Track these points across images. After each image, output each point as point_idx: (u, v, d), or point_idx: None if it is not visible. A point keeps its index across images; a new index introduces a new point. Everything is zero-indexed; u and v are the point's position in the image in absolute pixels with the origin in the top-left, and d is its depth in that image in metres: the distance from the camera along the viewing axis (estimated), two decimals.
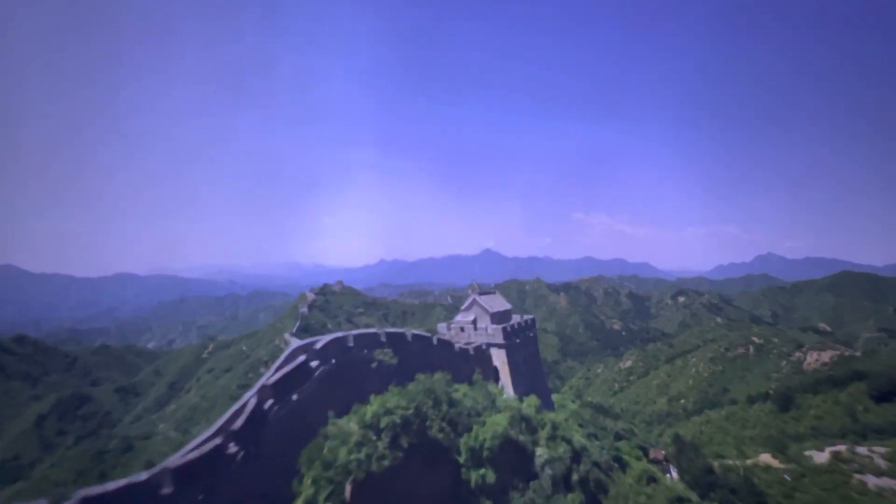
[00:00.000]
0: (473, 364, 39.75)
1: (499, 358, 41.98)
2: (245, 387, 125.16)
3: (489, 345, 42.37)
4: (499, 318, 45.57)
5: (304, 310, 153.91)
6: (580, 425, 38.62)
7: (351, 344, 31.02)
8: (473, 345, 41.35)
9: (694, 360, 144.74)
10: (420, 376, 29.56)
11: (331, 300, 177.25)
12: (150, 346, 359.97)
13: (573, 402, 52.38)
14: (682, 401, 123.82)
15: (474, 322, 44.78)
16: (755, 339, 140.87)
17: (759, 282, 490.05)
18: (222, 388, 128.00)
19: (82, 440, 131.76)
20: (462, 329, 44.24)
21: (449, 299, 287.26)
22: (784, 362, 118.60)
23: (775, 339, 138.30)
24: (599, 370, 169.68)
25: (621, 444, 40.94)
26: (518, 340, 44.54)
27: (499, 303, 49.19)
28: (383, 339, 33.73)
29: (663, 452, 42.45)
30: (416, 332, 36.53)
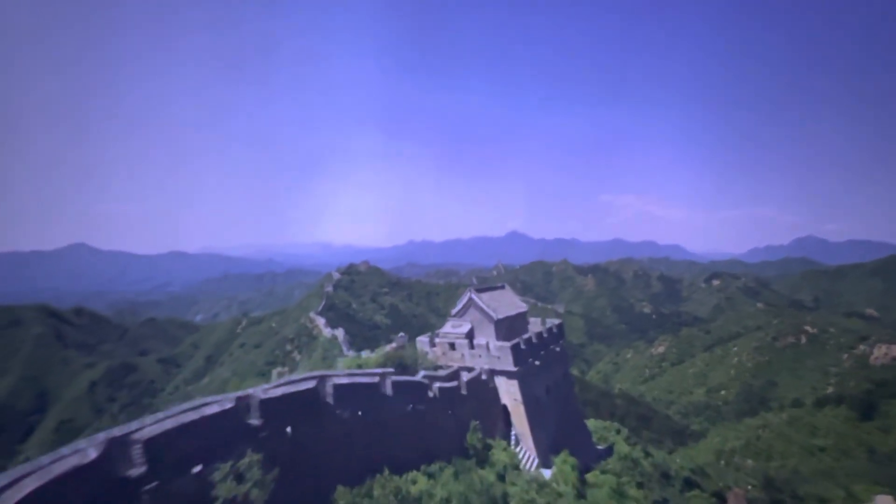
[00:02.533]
0: (467, 412, 24.15)
1: (509, 393, 27.08)
2: (272, 363, 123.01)
3: (493, 372, 27.29)
4: (508, 326, 29.70)
5: (330, 289, 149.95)
6: (639, 485, 26.97)
7: (136, 470, 11.10)
8: (468, 377, 25.57)
9: (736, 348, 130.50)
10: (344, 494, 14.95)
11: (356, 280, 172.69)
12: (198, 318, 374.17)
13: (618, 432, 39.24)
14: (723, 392, 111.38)
15: (470, 335, 29.25)
16: (808, 327, 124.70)
17: (799, 265, 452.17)
18: (251, 364, 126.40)
19: (126, 408, 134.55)
20: (452, 346, 28.75)
21: (474, 280, 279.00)
22: (846, 355, 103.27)
23: (832, 329, 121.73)
24: (629, 355, 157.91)
25: (693, 495, 30.03)
26: (538, 362, 28.98)
27: (508, 303, 32.13)
28: (255, 419, 14.26)
29: (744, 493, 32.34)
30: (342, 379, 17.83)
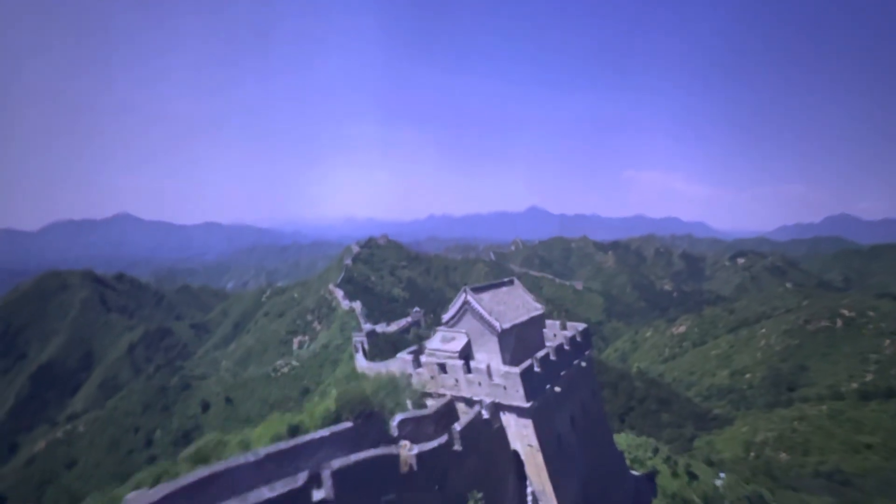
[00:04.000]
0: (463, 477, 16.74)
1: (521, 436, 19.65)
2: (293, 332, 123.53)
3: (498, 407, 19.91)
4: (517, 338, 22.00)
5: (349, 262, 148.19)
6: None
7: None
8: (462, 423, 17.74)
9: (763, 330, 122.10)
10: None
11: (375, 253, 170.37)
12: (230, 286, 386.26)
13: (655, 451, 32.15)
14: (748, 375, 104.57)
15: (466, 352, 21.81)
16: (844, 311, 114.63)
17: (830, 244, 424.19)
18: (274, 333, 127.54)
19: (161, 369, 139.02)
20: (442, 368, 21.29)
21: (491, 255, 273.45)
22: (887, 342, 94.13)
23: (871, 313, 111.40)
24: (648, 334, 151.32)
25: None
26: (559, 388, 21.63)
27: (516, 304, 24.01)
28: None
29: None
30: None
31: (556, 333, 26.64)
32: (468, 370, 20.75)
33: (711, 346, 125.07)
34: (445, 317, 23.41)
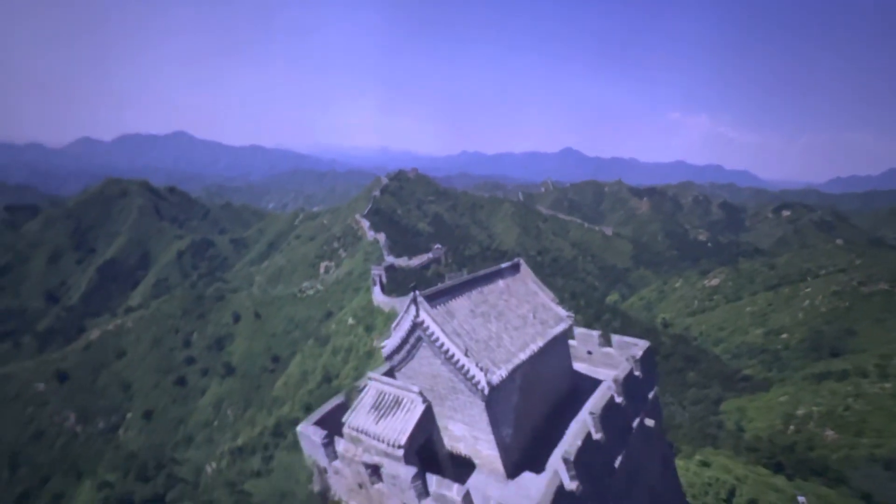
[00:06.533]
0: None
1: None
2: (321, 257, 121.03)
3: None
4: (520, 392, 10.82)
5: (377, 193, 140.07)
6: None
7: None
8: None
9: (808, 290, 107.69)
10: None
11: (404, 186, 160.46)
12: (271, 206, 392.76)
13: (728, 495, 22.59)
14: (785, 335, 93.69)
15: (425, 430, 10.10)
16: None
17: (886, 198, 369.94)
18: (303, 256, 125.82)
19: (203, 277, 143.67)
20: (375, 472, 9.53)
21: (520, 195, 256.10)
22: None
23: None
24: (678, 284, 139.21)
25: None
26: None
27: (522, 317, 12.07)
28: None
29: None
30: None
31: (591, 352, 13.35)
32: (424, 490, 8.59)
33: (746, 303, 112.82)
34: (387, 346, 10.63)
